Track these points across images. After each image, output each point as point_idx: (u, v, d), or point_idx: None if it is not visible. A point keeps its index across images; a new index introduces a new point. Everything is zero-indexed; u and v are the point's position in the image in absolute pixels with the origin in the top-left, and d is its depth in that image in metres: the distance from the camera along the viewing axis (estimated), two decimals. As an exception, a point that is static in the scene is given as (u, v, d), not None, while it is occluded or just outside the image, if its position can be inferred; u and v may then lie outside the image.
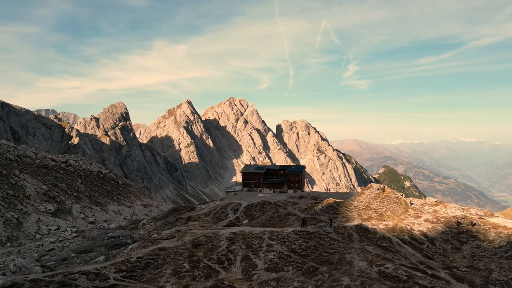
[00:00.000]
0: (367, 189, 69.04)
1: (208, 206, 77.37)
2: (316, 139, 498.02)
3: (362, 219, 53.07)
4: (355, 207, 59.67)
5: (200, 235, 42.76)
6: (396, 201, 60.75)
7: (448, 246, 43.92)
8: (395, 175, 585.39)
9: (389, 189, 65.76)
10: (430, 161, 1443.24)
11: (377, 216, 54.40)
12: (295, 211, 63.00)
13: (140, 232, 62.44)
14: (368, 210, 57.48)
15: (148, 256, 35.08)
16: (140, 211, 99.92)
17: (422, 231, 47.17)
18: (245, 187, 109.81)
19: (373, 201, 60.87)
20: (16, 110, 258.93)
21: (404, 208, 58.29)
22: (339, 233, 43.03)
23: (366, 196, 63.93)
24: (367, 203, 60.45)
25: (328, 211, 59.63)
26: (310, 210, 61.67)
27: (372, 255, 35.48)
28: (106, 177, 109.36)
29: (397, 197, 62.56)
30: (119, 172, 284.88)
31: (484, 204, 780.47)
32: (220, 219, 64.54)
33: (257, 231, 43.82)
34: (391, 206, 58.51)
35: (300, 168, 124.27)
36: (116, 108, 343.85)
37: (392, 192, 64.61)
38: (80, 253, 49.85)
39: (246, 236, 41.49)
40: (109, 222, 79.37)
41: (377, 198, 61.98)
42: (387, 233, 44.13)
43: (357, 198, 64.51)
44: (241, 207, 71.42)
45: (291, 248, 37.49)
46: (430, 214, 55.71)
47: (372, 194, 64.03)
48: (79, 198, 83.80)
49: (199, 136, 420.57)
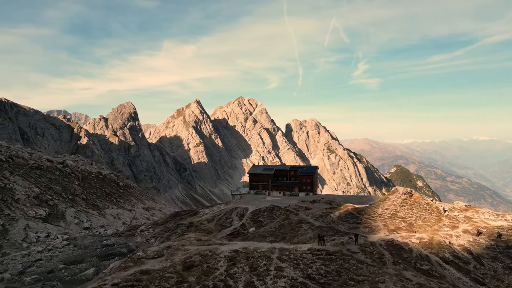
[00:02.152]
0: (392, 193, 61.98)
1: (212, 211, 71.55)
2: (326, 138, 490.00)
3: (389, 230, 46.32)
4: (380, 215, 52.57)
5: (194, 253, 36.11)
6: (426, 208, 53.69)
7: (498, 266, 36.72)
8: (407, 175, 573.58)
9: (417, 193, 58.98)
10: (442, 160, 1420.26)
11: (407, 227, 47.56)
12: (308, 218, 56.59)
13: (137, 239, 57.02)
14: (395, 219, 50.48)
15: (127, 282, 28.67)
16: (141, 215, 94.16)
17: (463, 246, 40.18)
18: (252, 189, 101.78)
19: (400, 208, 53.75)
20: (25, 111, 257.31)
21: (436, 216, 51.25)
22: (367, 253, 35.80)
23: (391, 202, 56.68)
24: (394, 211, 53.36)
25: (347, 219, 52.73)
26: (325, 218, 55.06)
27: (413, 284, 28.82)
28: (106, 178, 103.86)
29: (427, 203, 55.51)
30: (128, 172, 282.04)
31: (498, 204, 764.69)
32: (224, 226, 58.53)
33: (264, 249, 36.98)
34: (421, 214, 51.50)
35: (313, 169, 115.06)
36: (125, 108, 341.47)
37: (421, 197, 57.63)
38: (69, 264, 44.70)
39: (250, 255, 34.58)
40: (106, 227, 74.02)
41: (404, 205, 54.82)
42: (423, 250, 37.26)
43: (381, 205, 57.22)
44: (247, 212, 65.30)
45: (307, 273, 30.45)
46: (468, 223, 48.70)
47: (398, 200, 56.80)
48: (75, 201, 78.35)
49: (208, 136, 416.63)
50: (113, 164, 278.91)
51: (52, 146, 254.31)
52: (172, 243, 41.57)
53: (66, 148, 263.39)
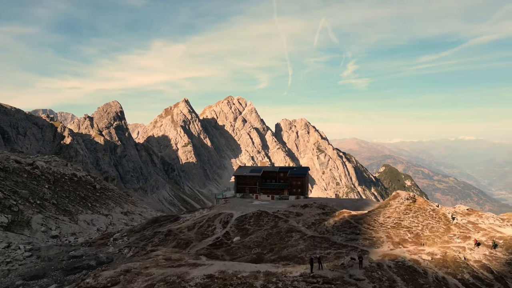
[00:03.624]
0: (393, 198, 56.49)
1: (194, 217, 65.94)
2: (316, 138, 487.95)
3: (393, 242, 41.24)
4: (381, 224, 47.30)
5: (158, 279, 29.83)
6: (433, 215, 48.58)
7: (524, 287, 32.13)
8: (396, 174, 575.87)
9: (421, 198, 53.77)
10: (429, 160, 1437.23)
11: (413, 238, 42.47)
12: (299, 226, 51.44)
13: (109, 249, 51.12)
14: (400, 229, 45.37)
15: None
16: (119, 220, 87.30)
17: (481, 262, 35.54)
18: (238, 192, 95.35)
19: (404, 216, 48.58)
20: (5, 109, 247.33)
21: (445, 225, 46.23)
22: (375, 280, 29.36)
23: (394, 209, 51.28)
24: (397, 219, 48.14)
25: (344, 229, 47.50)
26: (318, 226, 49.80)
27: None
28: (81, 181, 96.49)
29: (433, 210, 50.29)
30: (114, 173, 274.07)
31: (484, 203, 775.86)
32: (206, 235, 52.91)
33: (246, 273, 30.62)
34: (428, 223, 46.57)
35: (303, 170, 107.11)
36: (111, 107, 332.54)
37: (425, 203, 52.18)
38: (28, 280, 39.00)
39: (228, 283, 28.34)
40: (77, 235, 67.45)
41: (408, 212, 49.68)
42: (438, 270, 32.16)
43: (382, 212, 51.77)
44: (232, 219, 59.97)
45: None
46: (478, 232, 43.76)
47: (401, 206, 51.42)
48: (43, 206, 71.45)
49: (196, 135, 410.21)
50: (98, 164, 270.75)
51: (34, 146, 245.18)
52: (133, 265, 34.90)
53: (49, 148, 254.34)
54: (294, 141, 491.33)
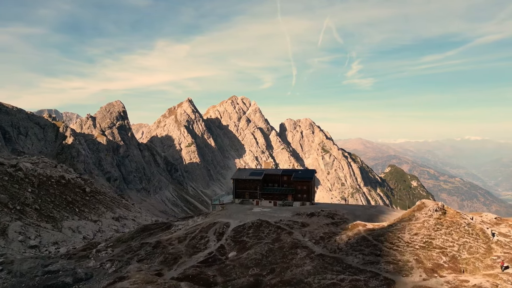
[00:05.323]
0: (419, 209, 48.41)
1: (187, 225, 60.92)
2: (321, 138, 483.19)
3: (425, 269, 34.71)
4: (408, 243, 40.47)
5: None
6: (469, 231, 41.63)
7: None
8: (402, 175, 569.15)
9: (451, 209, 46.53)
10: (435, 160, 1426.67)
11: (449, 263, 35.79)
12: (305, 241, 45.52)
13: (90, 264, 46.52)
14: (431, 249, 38.48)
15: None
16: (108, 226, 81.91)
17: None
18: (237, 198, 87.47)
19: (435, 232, 41.69)
20: (7, 109, 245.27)
21: (484, 244, 39.36)
22: None
23: (421, 224, 43.84)
24: (427, 236, 41.11)
25: (360, 247, 40.89)
26: (328, 241, 43.37)
27: None
28: (70, 184, 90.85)
29: (468, 224, 43.13)
30: (116, 173, 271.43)
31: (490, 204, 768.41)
32: (197, 249, 47.59)
33: None
34: (465, 242, 39.79)
35: (309, 173, 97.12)
36: (114, 106, 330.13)
37: (458, 215, 44.93)
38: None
39: None
40: (60, 244, 62.45)
41: (439, 227, 42.56)
42: None
43: (408, 227, 44.18)
44: (228, 229, 54.32)
45: None
46: None
47: (430, 220, 43.88)
48: (24, 212, 66.66)
49: (200, 135, 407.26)
50: (100, 164, 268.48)
51: (36, 146, 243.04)
52: None
53: (51, 148, 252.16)
54: (298, 141, 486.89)
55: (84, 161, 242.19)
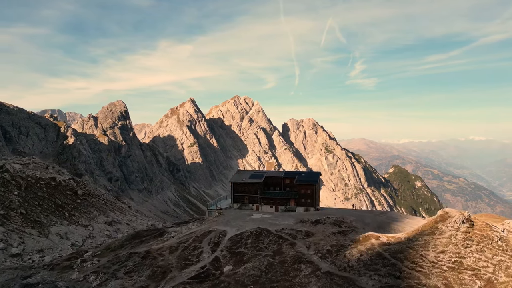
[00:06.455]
0: (442, 220, 41.43)
1: (180, 233, 56.93)
2: (324, 138, 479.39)
3: None
4: (433, 263, 34.54)
5: None
6: (502, 247, 35.54)
7: None
8: (406, 175, 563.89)
9: (479, 220, 39.89)
10: (439, 160, 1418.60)
11: None
12: (310, 254, 40.52)
13: (73, 276, 43.09)
14: (462, 271, 32.67)
15: None
16: (100, 231, 77.96)
17: None
18: (235, 202, 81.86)
19: (464, 249, 35.60)
20: (7, 109, 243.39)
21: None
22: None
23: (448, 239, 37.38)
24: (456, 255, 34.95)
25: (375, 266, 35.43)
26: (337, 256, 38.37)
27: None
28: (60, 186, 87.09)
29: (501, 238, 37.01)
30: (118, 173, 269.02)
31: (495, 204, 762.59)
32: (189, 261, 43.46)
33: None
34: (500, 260, 33.68)
35: (314, 176, 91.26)
36: (115, 106, 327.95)
37: (488, 228, 38.32)
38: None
39: None
40: (45, 252, 58.72)
41: (469, 243, 36.24)
42: None
43: (431, 242, 37.50)
44: (224, 239, 49.48)
45: None
46: None
47: (458, 234, 37.35)
48: (8, 217, 63.14)
49: (202, 135, 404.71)
50: (102, 165, 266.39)
51: (37, 146, 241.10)
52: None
53: (52, 148, 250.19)
54: (301, 141, 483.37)
55: (85, 161, 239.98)
